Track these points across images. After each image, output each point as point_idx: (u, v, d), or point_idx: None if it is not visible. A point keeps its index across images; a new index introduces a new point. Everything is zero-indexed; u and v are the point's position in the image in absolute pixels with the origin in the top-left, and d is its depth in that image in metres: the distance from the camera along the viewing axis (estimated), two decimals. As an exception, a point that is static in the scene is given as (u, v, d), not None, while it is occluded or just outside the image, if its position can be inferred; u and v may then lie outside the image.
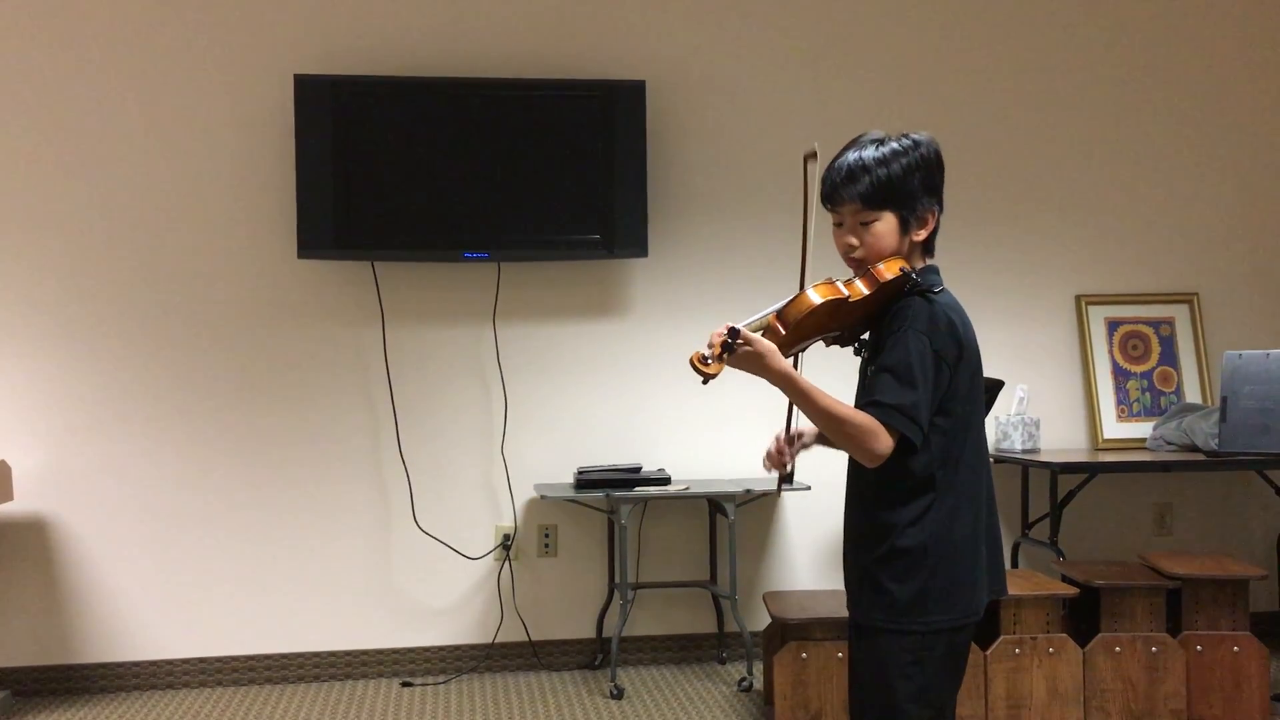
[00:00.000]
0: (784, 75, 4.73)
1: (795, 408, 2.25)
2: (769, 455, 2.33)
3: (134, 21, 4.39)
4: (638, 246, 4.48)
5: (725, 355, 2.06)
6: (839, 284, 2.14)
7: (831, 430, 2.11)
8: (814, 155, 2.23)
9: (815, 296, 2.11)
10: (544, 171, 4.44)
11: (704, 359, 2.07)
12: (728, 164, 4.70)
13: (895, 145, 2.17)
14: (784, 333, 2.11)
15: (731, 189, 4.70)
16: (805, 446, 2.34)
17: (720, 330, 2.06)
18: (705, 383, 2.11)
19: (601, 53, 4.61)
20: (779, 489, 2.42)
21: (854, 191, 2.16)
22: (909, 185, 2.16)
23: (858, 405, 2.13)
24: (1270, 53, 4.99)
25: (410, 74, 4.45)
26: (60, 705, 4.22)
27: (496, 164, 4.42)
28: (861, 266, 2.17)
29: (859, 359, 2.29)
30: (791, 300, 2.13)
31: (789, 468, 2.33)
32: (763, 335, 2.10)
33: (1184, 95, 4.94)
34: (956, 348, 2.13)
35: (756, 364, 2.08)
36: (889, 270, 2.12)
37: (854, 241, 2.19)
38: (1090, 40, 4.89)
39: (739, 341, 2.05)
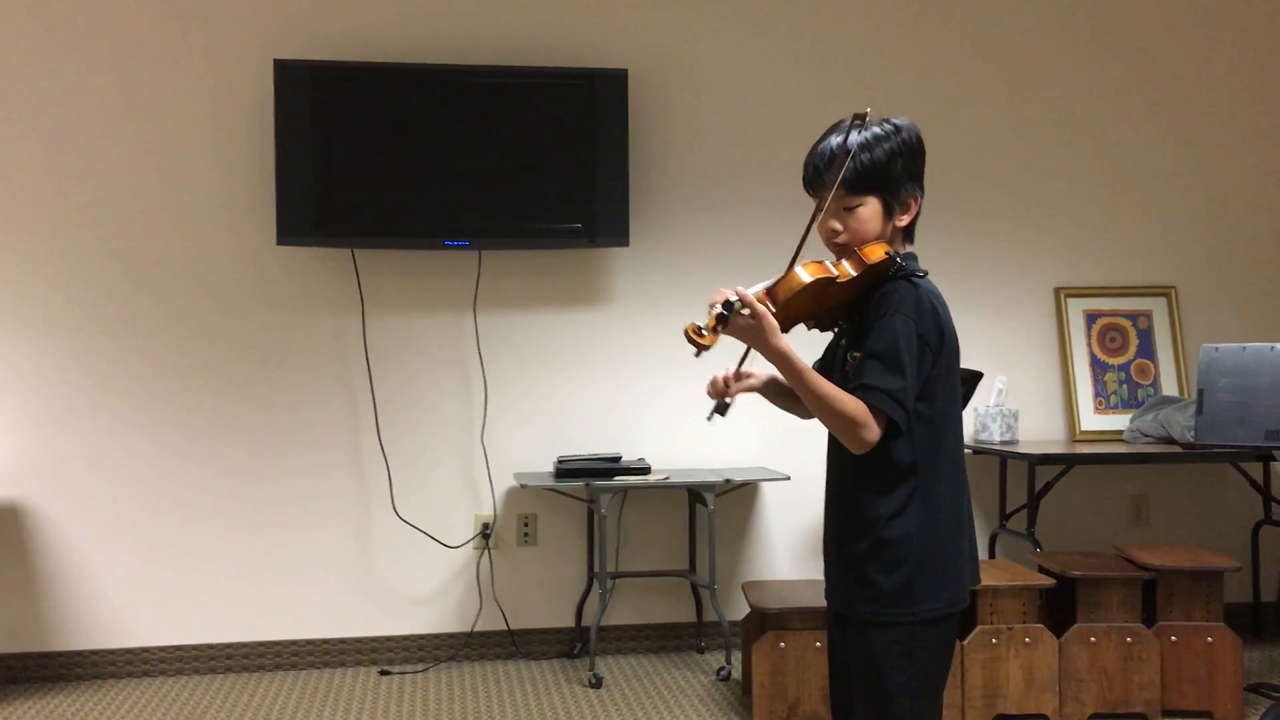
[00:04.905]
0: (766, 64, 4.73)
1: (753, 351, 2.22)
2: (713, 382, 2.30)
3: (112, 5, 4.35)
4: (619, 235, 4.48)
5: (720, 327, 2.03)
6: (828, 264, 2.13)
7: (823, 414, 2.08)
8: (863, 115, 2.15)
9: (805, 275, 2.10)
10: (526, 160, 4.43)
11: (699, 330, 2.03)
12: (710, 153, 4.70)
13: (877, 130, 2.15)
14: (773, 311, 2.10)
15: (713, 178, 4.70)
16: (751, 388, 2.30)
17: (725, 292, 2.03)
18: (698, 354, 2.06)
19: (584, 41, 4.60)
20: (710, 417, 2.36)
21: (837, 176, 2.12)
22: (892, 170, 2.14)
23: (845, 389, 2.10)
24: (1249, 50, 5.02)
25: (392, 60, 4.43)
26: (37, 693, 4.20)
27: (478, 152, 4.40)
28: (846, 251, 2.16)
29: (827, 335, 2.27)
30: (782, 278, 2.11)
31: (729, 400, 2.29)
32: None
33: (1163, 90, 4.97)
34: (939, 333, 2.11)
35: (757, 337, 2.05)
36: (874, 254, 2.12)
37: (837, 226, 2.17)
38: (1071, 34, 4.91)
39: (741, 308, 2.02)
